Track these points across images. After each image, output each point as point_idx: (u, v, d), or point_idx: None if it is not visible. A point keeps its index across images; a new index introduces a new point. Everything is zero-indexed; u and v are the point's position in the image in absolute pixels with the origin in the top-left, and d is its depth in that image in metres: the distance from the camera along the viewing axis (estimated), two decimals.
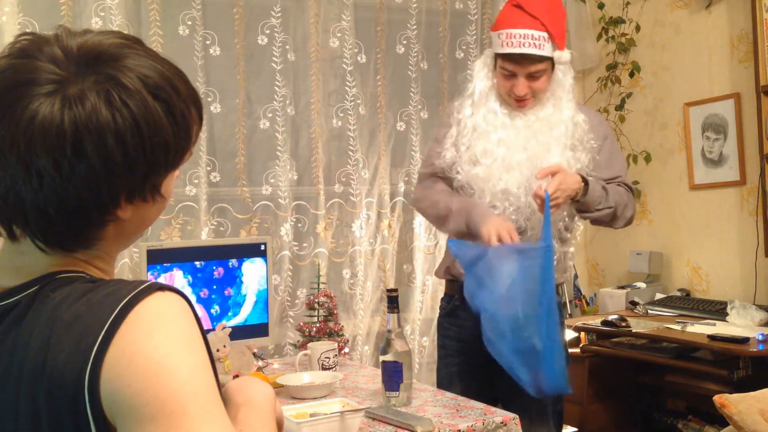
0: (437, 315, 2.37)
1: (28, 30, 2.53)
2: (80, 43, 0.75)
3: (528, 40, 1.98)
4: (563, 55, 2.02)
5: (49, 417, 0.70)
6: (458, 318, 2.22)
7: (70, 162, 0.71)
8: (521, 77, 2.02)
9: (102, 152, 0.72)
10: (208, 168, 2.89)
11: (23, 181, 0.72)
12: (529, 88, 2.03)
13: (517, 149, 2.05)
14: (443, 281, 2.38)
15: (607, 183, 2.12)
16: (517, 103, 2.07)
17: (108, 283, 0.75)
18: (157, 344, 0.69)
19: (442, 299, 2.34)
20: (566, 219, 2.12)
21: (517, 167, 2.04)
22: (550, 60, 2.02)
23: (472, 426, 1.70)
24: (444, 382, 2.22)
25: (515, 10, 2.02)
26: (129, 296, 0.71)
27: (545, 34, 1.99)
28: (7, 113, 0.71)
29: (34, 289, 0.76)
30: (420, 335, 3.26)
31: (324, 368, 2.24)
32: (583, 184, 2.00)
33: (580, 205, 2.04)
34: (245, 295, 2.40)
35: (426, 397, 1.97)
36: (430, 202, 2.18)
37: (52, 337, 0.71)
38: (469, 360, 2.19)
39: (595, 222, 2.17)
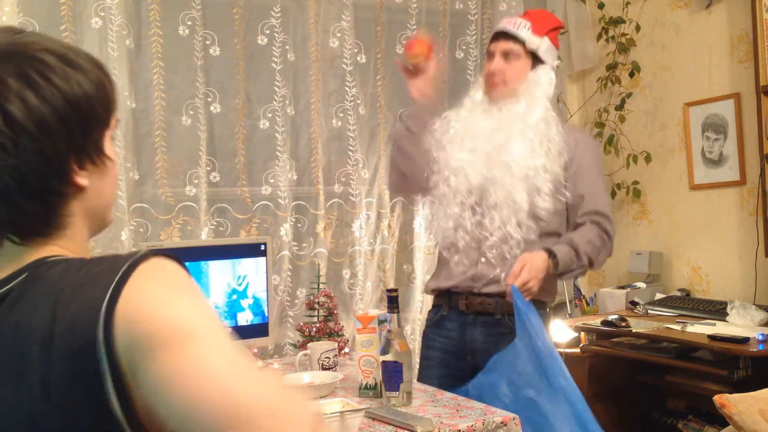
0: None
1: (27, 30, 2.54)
2: None
3: (508, 23, 2.16)
4: (534, 39, 2.11)
5: (59, 383, 0.71)
6: (443, 328, 2.23)
7: (10, 137, 0.76)
8: (497, 55, 2.12)
9: (36, 121, 0.77)
10: (208, 168, 2.89)
11: None
12: (501, 69, 2.12)
13: (480, 135, 2.13)
14: None
15: (583, 215, 2.11)
16: (490, 84, 2.15)
17: (102, 258, 0.78)
18: (165, 290, 0.74)
19: (429, 311, 2.35)
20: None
21: (477, 151, 2.11)
22: (526, 48, 2.11)
23: (472, 426, 1.70)
24: None
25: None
26: (130, 260, 0.75)
27: (526, 23, 2.12)
28: None
29: (24, 275, 0.79)
30: (420, 335, 3.26)
31: (324, 368, 2.24)
32: (550, 258, 2.01)
33: (556, 277, 2.10)
34: (245, 295, 2.40)
35: (426, 397, 1.97)
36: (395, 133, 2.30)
37: (56, 308, 0.73)
38: (450, 372, 2.19)
39: (574, 278, 2.22)
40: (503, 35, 2.13)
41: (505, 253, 2.07)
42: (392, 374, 1.89)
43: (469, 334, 2.17)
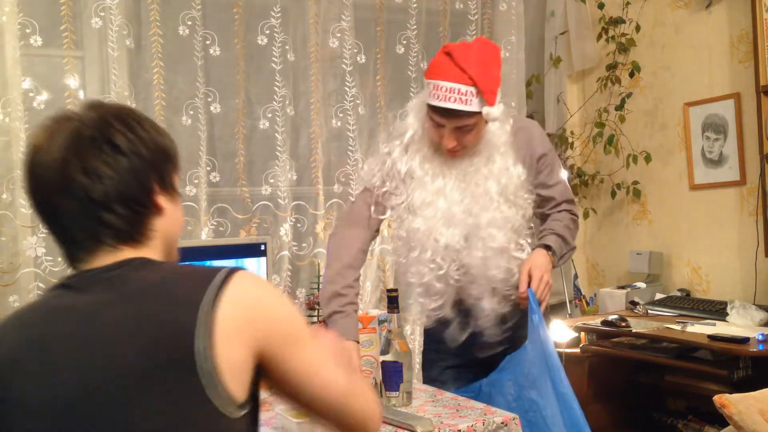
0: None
1: (27, 30, 2.54)
2: (94, 109, 1.06)
3: (454, 95, 1.88)
4: (492, 111, 1.91)
5: (157, 364, 0.93)
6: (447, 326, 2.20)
7: (112, 157, 1.01)
8: (448, 130, 1.94)
9: (132, 149, 1.03)
10: (208, 168, 2.89)
11: (90, 185, 1.00)
12: (457, 140, 1.96)
13: (455, 201, 2.01)
14: None
15: (554, 206, 2.15)
16: (448, 154, 2.01)
17: (192, 265, 1.06)
18: (268, 295, 1.03)
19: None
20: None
21: (458, 222, 2.00)
22: (480, 114, 1.93)
23: (472, 426, 1.70)
24: (437, 386, 2.19)
25: (445, 59, 1.91)
26: (226, 269, 1.01)
27: (473, 89, 1.87)
28: (54, 140, 1.01)
29: (121, 269, 1.02)
30: (420, 335, 3.26)
31: None
32: (551, 254, 2.04)
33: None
34: None
35: (426, 397, 1.97)
36: (330, 261, 2.11)
37: (160, 297, 0.98)
38: (464, 362, 2.18)
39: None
40: (452, 112, 1.90)
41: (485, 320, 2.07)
42: (392, 374, 1.89)
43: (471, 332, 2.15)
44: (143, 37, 2.77)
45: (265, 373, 1.02)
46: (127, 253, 1.03)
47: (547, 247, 2.05)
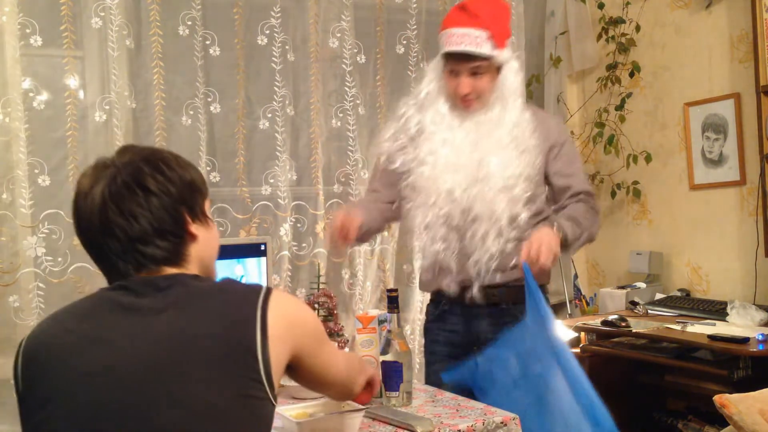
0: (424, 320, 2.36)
1: (27, 30, 2.54)
2: (128, 154, 1.19)
3: (467, 39, 2.00)
4: (503, 54, 2.04)
5: (222, 365, 1.08)
6: (447, 322, 2.21)
7: (144, 198, 1.14)
8: (463, 75, 2.04)
9: (161, 189, 1.16)
10: (208, 168, 2.89)
11: (127, 225, 1.13)
12: (472, 87, 2.05)
13: (463, 151, 2.07)
14: None
15: (570, 196, 2.12)
16: (462, 102, 2.08)
17: (230, 279, 1.23)
18: (302, 311, 1.23)
19: (428, 305, 2.33)
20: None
21: (463, 169, 2.06)
22: (492, 60, 2.03)
23: (472, 426, 1.70)
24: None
25: (459, 11, 2.04)
26: (265, 288, 1.18)
27: (485, 33, 2.00)
28: (94, 189, 1.15)
29: (175, 278, 1.16)
30: (420, 335, 3.26)
31: None
32: (560, 234, 1.99)
33: (563, 250, 2.05)
34: None
35: (426, 397, 1.97)
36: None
37: (219, 299, 1.14)
38: (458, 365, 2.18)
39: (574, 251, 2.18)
40: (465, 55, 2.02)
41: (488, 266, 2.07)
42: (392, 374, 1.89)
43: (474, 326, 2.16)
44: (143, 37, 2.77)
45: (293, 368, 1.24)
46: (171, 271, 1.17)
47: (557, 228, 2.00)
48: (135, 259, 1.15)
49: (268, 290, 1.18)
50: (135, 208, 1.13)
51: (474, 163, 2.06)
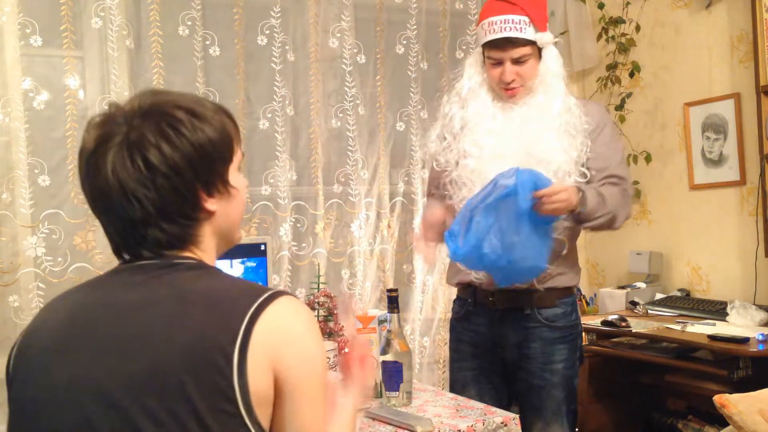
0: (449, 317, 2.32)
1: (27, 30, 2.54)
2: (129, 106, 1.02)
3: (509, 25, 2.00)
4: (545, 37, 2.03)
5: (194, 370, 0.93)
6: (471, 323, 2.18)
7: (149, 178, 0.98)
8: (507, 63, 2.03)
9: (168, 164, 0.98)
10: None
11: (130, 207, 0.99)
12: (516, 74, 2.03)
13: (509, 139, 2.04)
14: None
15: (603, 179, 2.06)
16: (507, 92, 2.06)
17: (238, 280, 1.06)
18: (304, 330, 0.99)
19: (454, 302, 2.30)
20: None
21: (509, 157, 2.01)
22: (534, 45, 2.03)
23: (472, 426, 1.70)
24: (458, 386, 2.19)
25: (496, 2, 2.04)
26: (269, 292, 0.99)
27: (525, 18, 2.00)
28: (97, 166, 1.00)
29: (174, 267, 1.02)
30: (420, 335, 3.26)
31: None
32: (580, 194, 1.92)
33: (579, 215, 1.97)
34: None
35: (426, 397, 1.97)
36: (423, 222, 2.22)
37: (204, 308, 0.97)
38: (483, 364, 2.16)
39: (595, 229, 2.11)
40: (508, 41, 2.00)
41: None
42: (392, 374, 1.89)
43: (497, 330, 2.12)
44: (143, 37, 2.77)
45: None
46: (174, 254, 1.03)
47: (579, 191, 1.93)
48: (136, 242, 1.02)
49: (270, 297, 0.98)
50: (139, 188, 0.98)
51: (521, 151, 2.02)
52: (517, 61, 2.02)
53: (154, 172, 0.98)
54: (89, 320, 1.00)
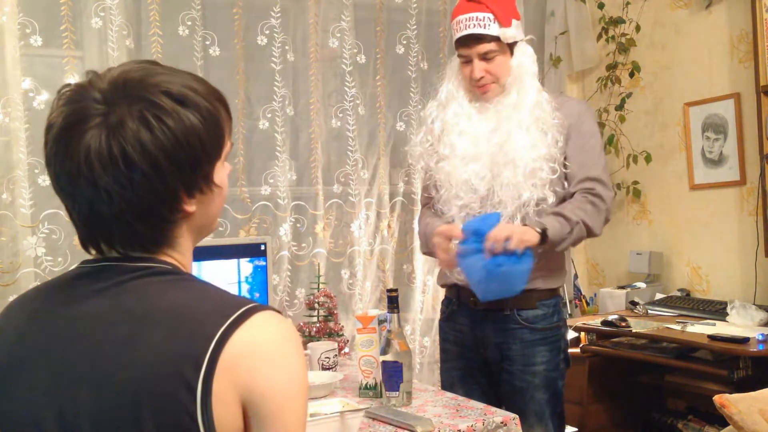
0: (438, 317, 2.37)
1: (27, 30, 2.54)
2: (109, 79, 0.90)
3: (473, 22, 2.05)
4: (508, 32, 2.06)
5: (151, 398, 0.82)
6: (456, 322, 2.22)
7: (126, 175, 0.86)
8: (475, 60, 2.07)
9: (149, 161, 0.86)
10: None
11: (97, 200, 0.87)
12: (485, 70, 2.08)
13: (480, 140, 2.08)
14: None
15: (577, 183, 2.06)
16: (479, 89, 2.11)
17: (212, 294, 0.90)
18: (279, 352, 0.86)
19: (442, 302, 2.34)
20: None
21: (482, 157, 2.06)
22: (501, 41, 2.06)
23: (472, 426, 1.70)
24: (447, 385, 2.22)
25: (463, 1, 2.10)
26: (246, 307, 0.87)
27: (490, 15, 2.04)
28: (69, 148, 0.88)
29: (140, 273, 0.90)
30: (420, 335, 3.26)
31: (324, 368, 2.24)
32: (539, 235, 1.92)
33: (545, 246, 1.97)
34: (245, 296, 2.40)
35: (426, 397, 1.97)
36: (420, 236, 2.28)
37: (167, 327, 0.85)
38: (470, 364, 2.19)
39: (574, 244, 2.13)
40: (472, 37, 2.05)
41: None
42: (392, 374, 1.89)
43: (479, 329, 2.16)
44: (143, 37, 2.77)
45: None
46: (143, 256, 0.92)
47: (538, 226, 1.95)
48: (100, 237, 0.91)
49: (243, 315, 0.85)
50: (112, 184, 0.86)
51: (495, 149, 2.06)
52: (484, 57, 2.07)
53: (133, 169, 0.86)
54: (44, 336, 0.90)
